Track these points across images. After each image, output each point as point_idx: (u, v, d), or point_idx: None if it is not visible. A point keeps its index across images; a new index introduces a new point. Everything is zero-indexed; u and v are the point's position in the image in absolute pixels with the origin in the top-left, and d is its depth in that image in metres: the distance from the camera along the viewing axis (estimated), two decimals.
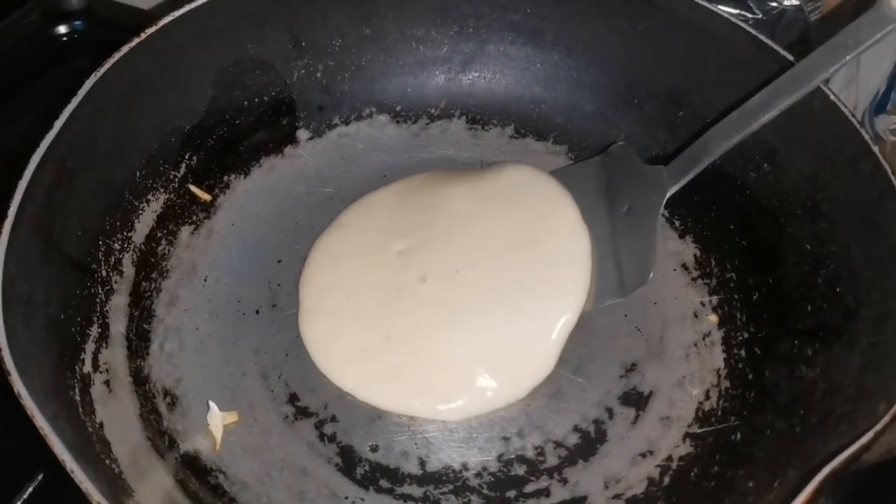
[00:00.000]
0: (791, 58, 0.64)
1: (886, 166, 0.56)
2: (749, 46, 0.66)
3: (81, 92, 0.58)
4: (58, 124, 0.55)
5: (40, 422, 0.41)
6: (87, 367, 0.54)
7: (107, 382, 0.55)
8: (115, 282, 0.60)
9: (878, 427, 0.42)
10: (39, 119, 0.57)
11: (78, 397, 0.50)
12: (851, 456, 0.41)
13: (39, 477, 0.54)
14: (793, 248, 0.63)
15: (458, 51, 0.78)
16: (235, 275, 0.66)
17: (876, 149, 0.57)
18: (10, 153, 0.60)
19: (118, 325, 0.59)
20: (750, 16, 1.07)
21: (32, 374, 0.45)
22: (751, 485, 0.52)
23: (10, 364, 0.43)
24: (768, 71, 0.65)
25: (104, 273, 0.60)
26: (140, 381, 0.57)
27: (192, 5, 0.65)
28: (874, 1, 1.02)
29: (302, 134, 0.76)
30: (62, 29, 0.91)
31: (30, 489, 0.55)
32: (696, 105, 0.72)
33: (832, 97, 0.61)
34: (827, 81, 0.62)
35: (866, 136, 0.58)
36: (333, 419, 0.59)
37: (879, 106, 1.21)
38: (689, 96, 0.72)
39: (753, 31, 0.66)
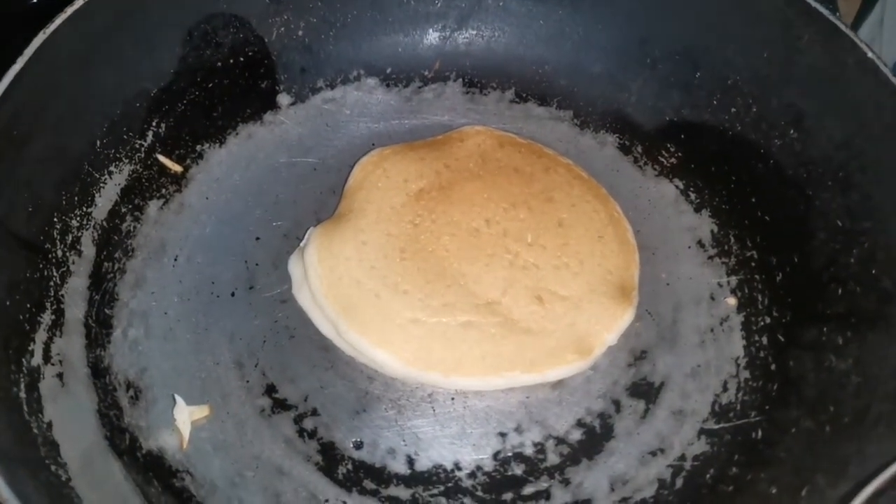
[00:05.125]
0: (825, 12, 0.57)
1: None
2: None
3: (28, 51, 0.52)
4: (0, 88, 0.49)
5: None
6: (37, 359, 0.49)
7: (59, 375, 0.50)
8: (73, 263, 0.55)
9: None
10: None
11: (23, 394, 0.45)
12: None
13: None
14: (822, 224, 0.57)
15: (454, 5, 0.72)
16: (209, 253, 0.61)
17: None
18: None
19: (75, 311, 0.53)
20: None
21: None
22: (774, 490, 0.47)
23: None
24: (797, 26, 0.59)
25: (60, 253, 0.54)
26: (99, 372, 0.52)
27: None
28: None
29: (283, 99, 0.69)
30: None
31: None
32: (715, 64, 0.65)
33: (870, 54, 0.54)
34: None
35: None
36: (314, 412, 0.54)
37: None
38: (707, 55, 0.65)
39: None
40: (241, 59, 0.67)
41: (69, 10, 0.55)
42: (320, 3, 0.69)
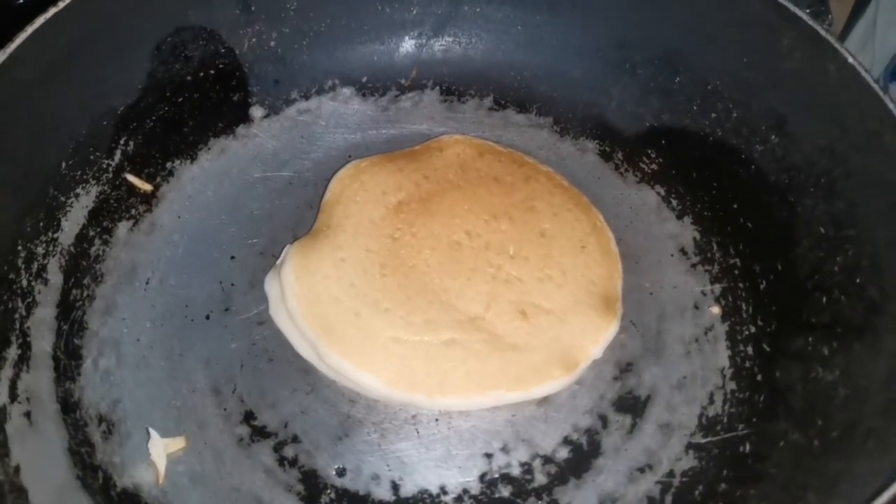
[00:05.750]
0: (804, 16, 0.57)
1: None
2: (755, 1, 0.59)
3: None
4: None
5: None
6: (2, 398, 0.46)
7: (27, 414, 0.48)
8: (39, 292, 0.53)
9: None
10: None
11: None
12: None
13: None
14: (805, 231, 0.56)
15: (430, 12, 0.70)
16: (182, 275, 0.59)
17: None
18: None
19: (43, 343, 0.51)
20: None
21: None
22: None
23: None
24: (777, 31, 0.58)
25: (25, 283, 0.52)
26: (69, 407, 0.50)
27: None
28: None
29: (256, 111, 0.68)
30: None
31: None
32: (695, 69, 0.64)
33: (851, 60, 0.54)
34: (844, 41, 0.55)
35: (891, 105, 0.51)
36: (295, 439, 0.52)
37: None
38: (687, 59, 0.64)
39: None
40: (212, 71, 0.65)
41: (29, 29, 0.52)
42: (293, 13, 0.67)
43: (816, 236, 0.55)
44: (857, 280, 0.51)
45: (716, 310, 0.59)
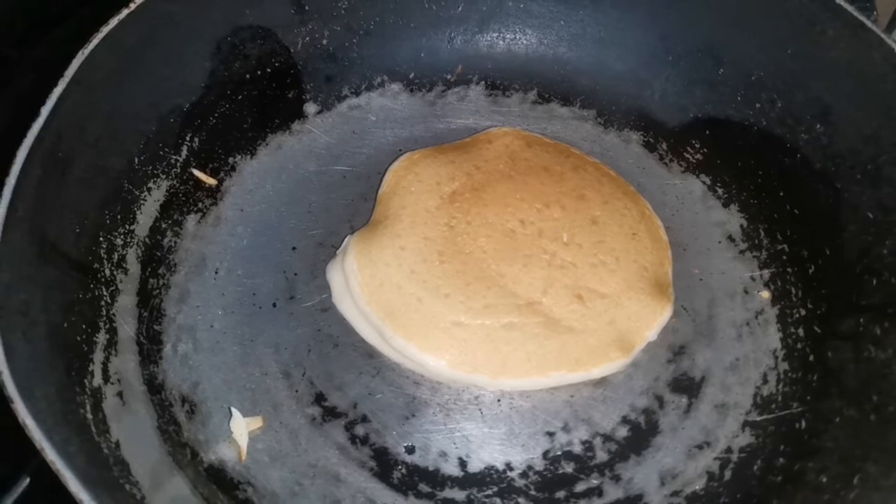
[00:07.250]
0: (847, 6, 0.58)
1: None
2: None
3: (68, 73, 0.52)
4: (45, 110, 0.50)
5: (51, 455, 0.37)
6: (98, 380, 0.49)
7: (119, 394, 0.50)
8: (121, 281, 0.55)
9: None
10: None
11: (90, 415, 0.46)
12: None
13: (26, 482, 0.50)
14: (852, 216, 0.58)
15: (475, 9, 0.72)
16: (248, 265, 0.61)
17: None
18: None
19: (127, 329, 0.54)
20: None
21: (37, 397, 0.41)
22: (824, 480, 0.48)
23: (11, 388, 0.39)
24: (820, 21, 0.60)
25: (108, 272, 0.55)
26: (155, 388, 0.53)
27: None
28: None
29: (310, 107, 0.70)
30: None
31: (15, 495, 0.51)
32: (738, 60, 0.66)
33: None
34: (891, 31, 0.57)
35: None
36: (364, 419, 0.55)
37: None
38: (730, 51, 0.66)
39: None
40: (269, 69, 0.67)
41: (104, 30, 0.55)
42: (344, 11, 0.69)
43: (864, 221, 0.57)
44: None
45: (765, 294, 0.61)
